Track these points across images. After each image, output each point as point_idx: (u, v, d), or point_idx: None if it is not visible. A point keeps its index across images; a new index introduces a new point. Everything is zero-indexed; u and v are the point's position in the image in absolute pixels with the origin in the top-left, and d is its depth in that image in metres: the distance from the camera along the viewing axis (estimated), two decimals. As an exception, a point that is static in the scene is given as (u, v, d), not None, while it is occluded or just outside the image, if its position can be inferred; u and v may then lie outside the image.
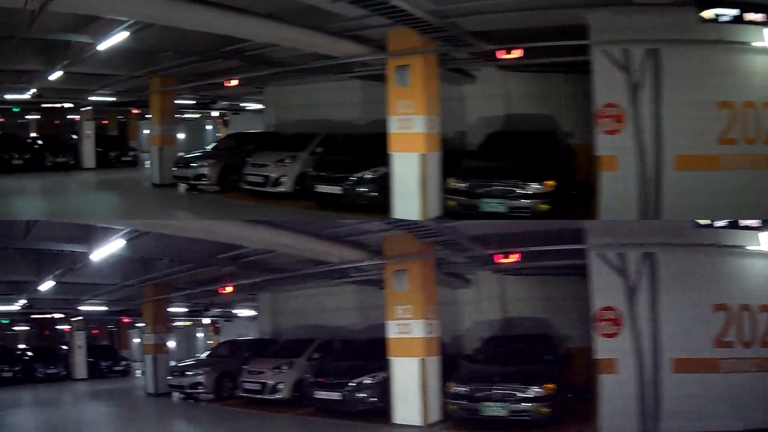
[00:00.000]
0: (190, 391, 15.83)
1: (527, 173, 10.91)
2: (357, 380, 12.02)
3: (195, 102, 27.97)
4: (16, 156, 24.46)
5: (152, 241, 11.42)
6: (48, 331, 31.23)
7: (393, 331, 11.36)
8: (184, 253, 12.71)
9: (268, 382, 13.78)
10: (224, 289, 13.97)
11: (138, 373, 21.31)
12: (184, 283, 16.88)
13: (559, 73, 14.30)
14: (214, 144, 20.01)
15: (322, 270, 12.18)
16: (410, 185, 11.17)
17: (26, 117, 36.65)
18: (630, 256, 9.59)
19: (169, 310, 19.07)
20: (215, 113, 35.16)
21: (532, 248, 10.21)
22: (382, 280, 14.07)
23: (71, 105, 25.08)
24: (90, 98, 23.94)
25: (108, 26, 12.02)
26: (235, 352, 17.20)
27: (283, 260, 13.13)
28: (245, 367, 14.72)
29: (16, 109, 26.87)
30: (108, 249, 10.32)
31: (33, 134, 34.26)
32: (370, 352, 12.88)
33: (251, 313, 27.02)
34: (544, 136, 13.23)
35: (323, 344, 15.10)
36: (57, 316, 24.56)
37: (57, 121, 33.12)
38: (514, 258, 10.21)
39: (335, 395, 12.09)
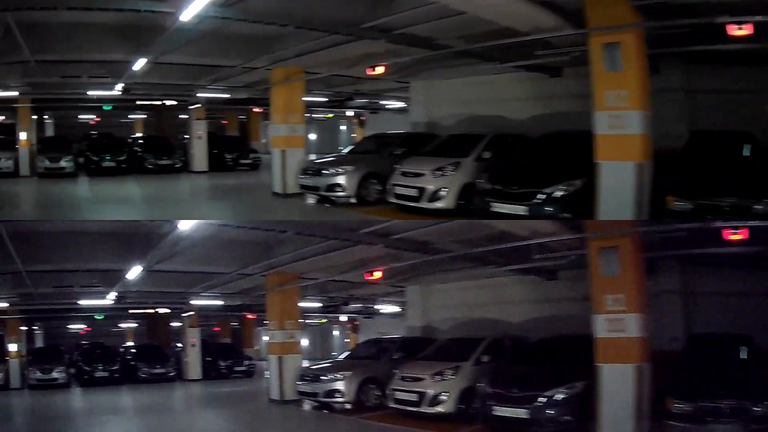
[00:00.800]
0: (325, 399, 14.79)
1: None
2: (548, 393, 10.32)
3: (327, 99, 27.68)
4: (108, 158, 24.70)
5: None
6: (159, 328, 31.58)
7: (602, 328, 9.74)
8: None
9: (428, 391, 12.32)
10: (371, 275, 12.60)
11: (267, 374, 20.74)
12: (318, 270, 15.86)
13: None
14: (350, 147, 19.00)
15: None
16: (622, 205, 9.39)
17: (129, 117, 38.74)
18: None
19: (300, 305, 18.08)
20: (350, 112, 35.02)
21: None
22: (550, 270, 13.87)
23: (173, 102, 25.24)
24: (199, 94, 23.87)
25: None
26: (381, 353, 16.06)
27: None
28: (397, 372, 13.38)
29: (107, 107, 27.53)
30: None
31: (137, 134, 35.53)
32: (551, 355, 11.98)
33: (394, 309, 26.35)
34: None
35: (492, 344, 13.48)
36: (164, 311, 24.82)
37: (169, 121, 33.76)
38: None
39: (521, 412, 10.39)
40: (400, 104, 27.97)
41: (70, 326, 37.53)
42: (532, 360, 12.04)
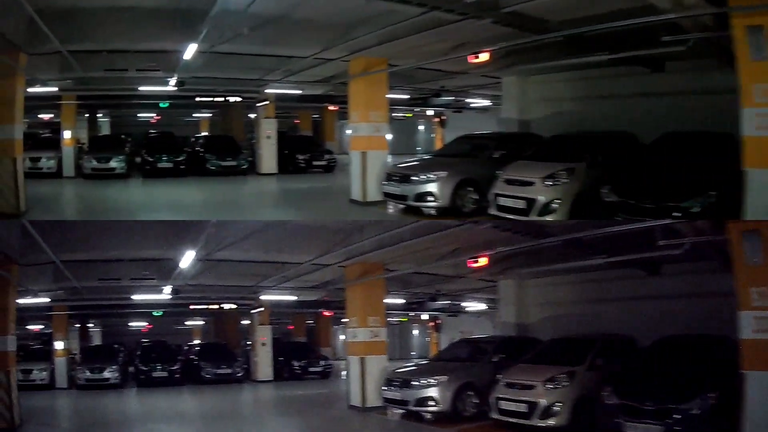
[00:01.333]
0: (416, 408, 14.22)
1: None
2: (686, 405, 9.58)
3: (409, 96, 27.26)
4: (165, 158, 24.80)
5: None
6: (228, 325, 31.61)
7: (747, 327, 8.83)
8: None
9: (540, 400, 11.56)
10: (475, 261, 11.84)
11: (343, 375, 20.49)
12: (405, 260, 15.36)
13: None
14: (438, 150, 18.26)
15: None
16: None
17: (194, 115, 39.35)
18: None
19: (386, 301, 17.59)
20: (430, 111, 34.68)
21: None
22: (654, 263, 13.74)
23: (237, 99, 24.94)
24: (268, 90, 23.82)
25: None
26: (477, 355, 15.39)
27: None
28: (500, 377, 12.71)
29: (163, 105, 27.51)
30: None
31: (202, 133, 35.91)
32: (677, 360, 11.10)
33: (481, 306, 26.05)
34: None
35: (605, 345, 12.75)
36: (230, 307, 24.63)
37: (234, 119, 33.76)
38: None
39: (656, 429, 9.66)
40: (485, 103, 27.86)
41: (131, 324, 37.87)
42: (656, 366, 11.25)
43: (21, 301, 16.87)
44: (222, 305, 23.84)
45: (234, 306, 23.57)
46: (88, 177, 24.05)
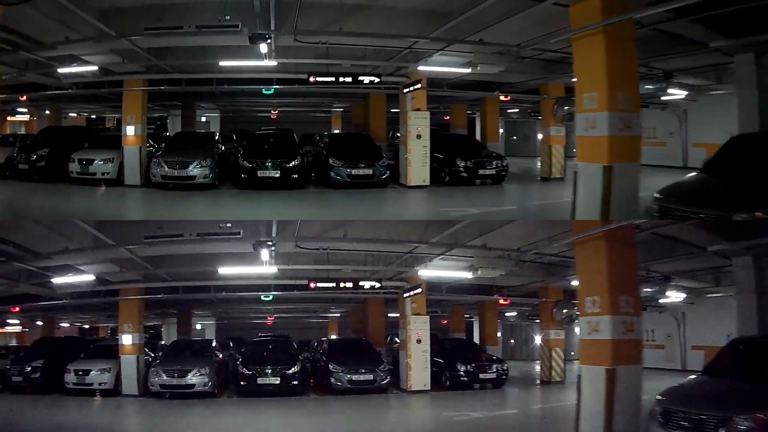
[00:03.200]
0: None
1: None
2: None
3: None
4: (268, 164, 19.24)
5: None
6: (372, 316, 25.59)
7: None
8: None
9: None
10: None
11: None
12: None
13: None
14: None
15: None
16: None
17: (324, 109, 35.28)
18: None
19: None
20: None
21: None
22: None
23: (374, 79, 16.95)
24: (422, 67, 17.96)
25: None
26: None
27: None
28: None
29: (267, 91, 21.67)
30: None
31: (334, 131, 32.10)
32: None
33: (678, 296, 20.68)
34: None
35: None
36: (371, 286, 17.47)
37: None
38: None
39: None
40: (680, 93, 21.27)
41: (252, 316, 34.51)
42: None
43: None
44: (362, 283, 16.76)
45: (377, 284, 16.57)
46: (160, 186, 19.00)
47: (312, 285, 15.16)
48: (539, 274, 18.76)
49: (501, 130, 26.56)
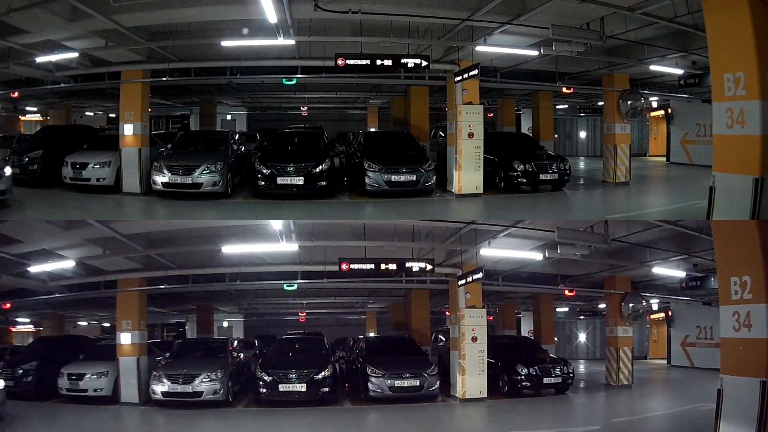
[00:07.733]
0: None
1: None
2: None
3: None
4: (290, 169, 16.38)
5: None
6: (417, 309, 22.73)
7: None
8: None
9: None
10: None
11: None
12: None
13: None
14: None
15: None
16: None
17: (359, 104, 32.43)
18: None
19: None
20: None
21: None
22: None
23: (419, 62, 14.19)
24: (481, 48, 15.63)
25: None
26: None
27: None
28: None
29: (289, 82, 18.24)
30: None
31: (370, 129, 29.94)
32: None
33: None
34: None
35: None
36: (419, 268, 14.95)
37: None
38: None
39: None
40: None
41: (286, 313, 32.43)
42: None
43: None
44: (407, 264, 13.83)
45: (426, 266, 13.57)
46: (162, 195, 16.40)
47: (344, 266, 12.39)
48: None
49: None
